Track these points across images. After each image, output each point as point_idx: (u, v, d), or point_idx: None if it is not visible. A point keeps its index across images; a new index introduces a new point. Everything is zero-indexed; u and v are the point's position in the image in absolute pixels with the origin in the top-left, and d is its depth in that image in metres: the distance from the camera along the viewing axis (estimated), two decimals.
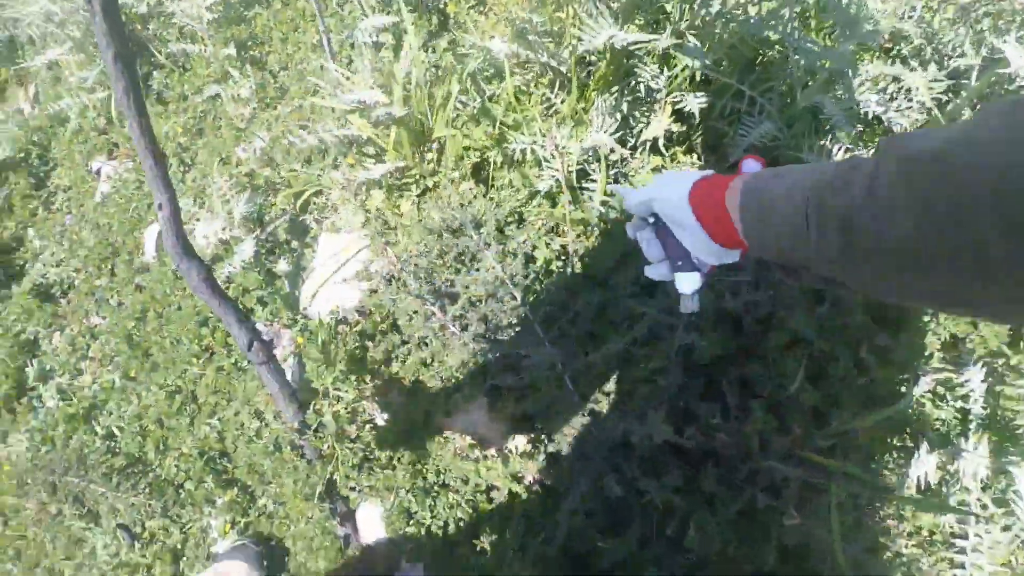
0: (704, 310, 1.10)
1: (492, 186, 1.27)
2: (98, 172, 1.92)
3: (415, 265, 1.18)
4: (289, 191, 1.42)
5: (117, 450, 1.46)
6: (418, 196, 1.30)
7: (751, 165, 0.69)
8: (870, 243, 0.43)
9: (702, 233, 0.63)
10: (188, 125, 1.81)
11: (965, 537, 1.09)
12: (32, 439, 1.55)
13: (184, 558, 1.37)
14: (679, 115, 1.20)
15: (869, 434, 1.20)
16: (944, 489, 1.13)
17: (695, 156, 1.25)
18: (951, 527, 1.14)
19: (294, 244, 1.52)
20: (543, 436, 1.20)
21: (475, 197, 1.28)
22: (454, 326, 1.19)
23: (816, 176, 0.51)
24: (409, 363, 1.28)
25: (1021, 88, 0.89)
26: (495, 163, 1.21)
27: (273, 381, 1.26)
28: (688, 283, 0.69)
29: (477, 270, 1.16)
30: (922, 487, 1.12)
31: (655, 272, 0.72)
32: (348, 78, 1.27)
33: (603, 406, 1.16)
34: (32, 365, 1.68)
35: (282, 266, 1.52)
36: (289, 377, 1.34)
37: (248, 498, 1.34)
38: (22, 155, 2.11)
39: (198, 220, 1.57)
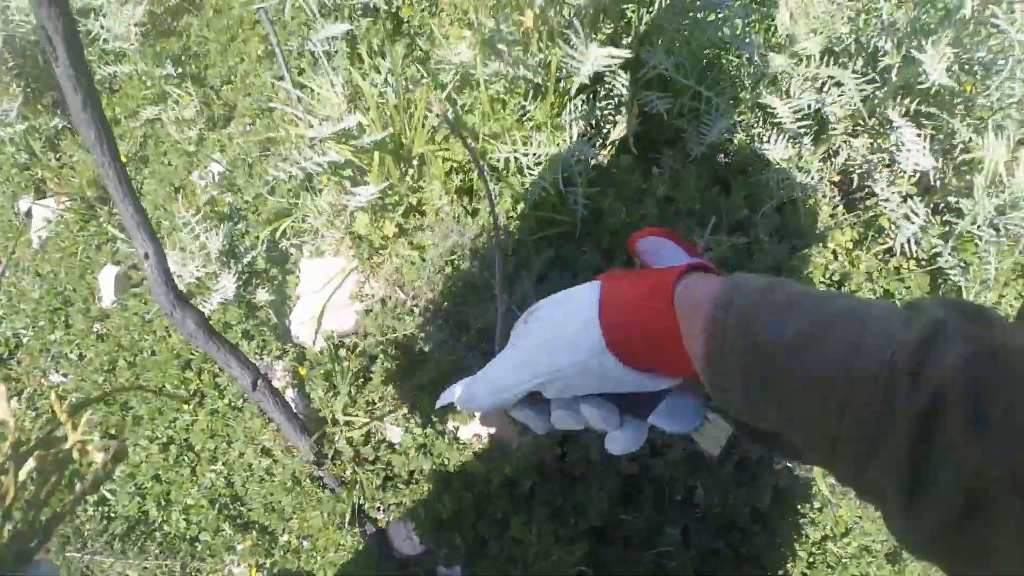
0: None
1: (475, 196, 1.31)
2: (28, 214, 1.75)
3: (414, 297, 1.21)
4: (269, 227, 1.38)
5: (112, 515, 1.38)
6: (402, 216, 1.31)
7: (655, 245, 0.43)
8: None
9: (642, 376, 0.37)
10: (129, 153, 1.69)
11: None
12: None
13: None
14: (643, 115, 1.29)
15: None
16: None
17: (658, 153, 1.35)
18: None
19: (272, 271, 1.49)
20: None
21: (464, 216, 1.32)
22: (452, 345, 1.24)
23: (896, 323, 0.27)
24: (415, 378, 1.31)
25: (934, 84, 1.05)
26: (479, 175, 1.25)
27: (281, 416, 1.25)
28: (684, 419, 0.40)
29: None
30: None
31: (620, 444, 0.40)
32: (314, 98, 1.25)
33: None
34: None
35: (262, 296, 1.48)
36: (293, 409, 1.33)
37: (269, 538, 1.33)
38: None
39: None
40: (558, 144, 1.24)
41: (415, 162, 1.30)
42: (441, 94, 1.28)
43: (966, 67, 1.28)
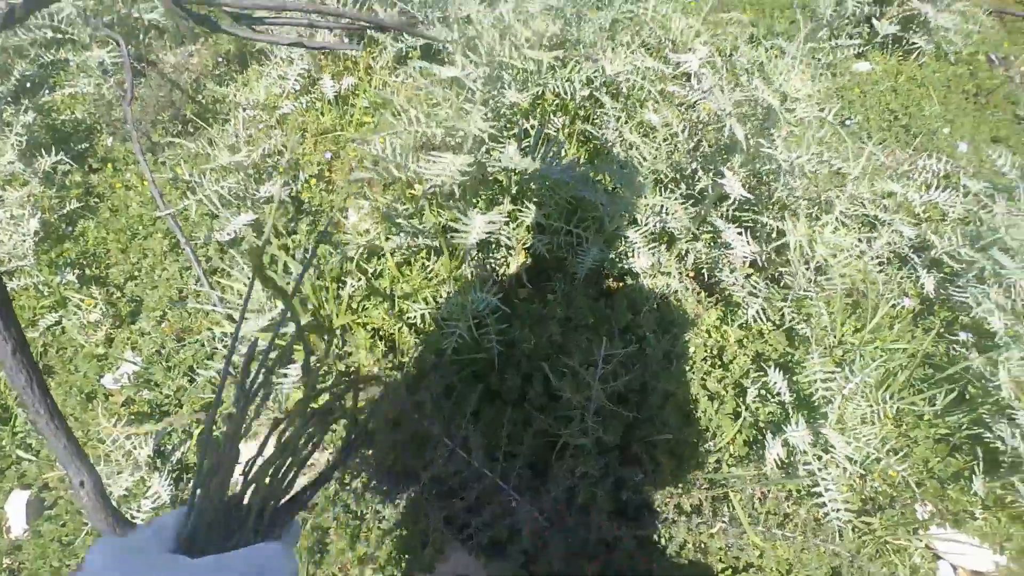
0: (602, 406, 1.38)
1: (400, 351, 1.43)
2: None
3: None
4: (200, 426, 1.40)
5: None
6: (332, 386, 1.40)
7: None
8: None
9: None
10: None
11: (818, 484, 1.51)
12: None
13: None
14: (530, 254, 1.53)
15: (738, 445, 1.60)
16: (793, 459, 1.56)
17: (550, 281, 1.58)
18: (809, 482, 1.57)
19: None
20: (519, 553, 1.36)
21: (392, 371, 1.43)
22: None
23: None
24: (372, 540, 1.35)
25: (735, 198, 1.39)
26: (401, 333, 1.39)
27: None
28: None
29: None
30: (780, 464, 1.54)
31: None
32: (231, 294, 1.34)
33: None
34: None
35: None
36: None
37: None
38: None
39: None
40: (463, 292, 1.42)
41: (339, 331, 1.42)
42: (350, 265, 1.44)
43: (760, 176, 1.67)
